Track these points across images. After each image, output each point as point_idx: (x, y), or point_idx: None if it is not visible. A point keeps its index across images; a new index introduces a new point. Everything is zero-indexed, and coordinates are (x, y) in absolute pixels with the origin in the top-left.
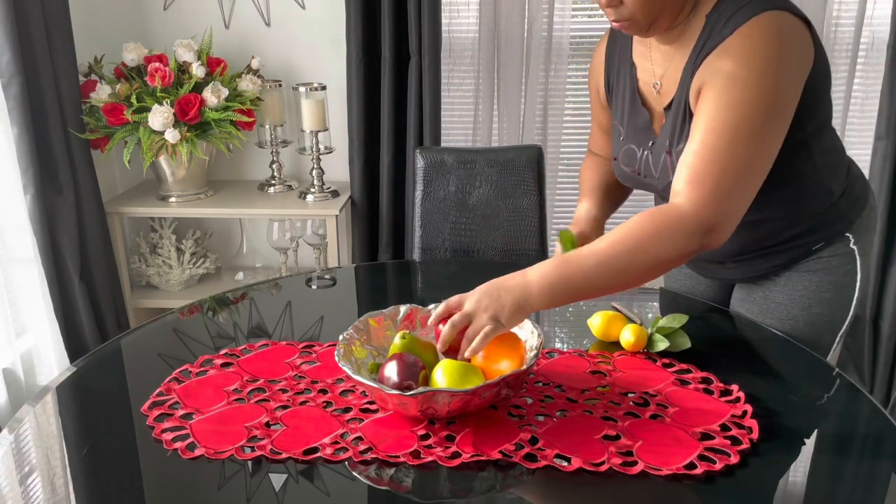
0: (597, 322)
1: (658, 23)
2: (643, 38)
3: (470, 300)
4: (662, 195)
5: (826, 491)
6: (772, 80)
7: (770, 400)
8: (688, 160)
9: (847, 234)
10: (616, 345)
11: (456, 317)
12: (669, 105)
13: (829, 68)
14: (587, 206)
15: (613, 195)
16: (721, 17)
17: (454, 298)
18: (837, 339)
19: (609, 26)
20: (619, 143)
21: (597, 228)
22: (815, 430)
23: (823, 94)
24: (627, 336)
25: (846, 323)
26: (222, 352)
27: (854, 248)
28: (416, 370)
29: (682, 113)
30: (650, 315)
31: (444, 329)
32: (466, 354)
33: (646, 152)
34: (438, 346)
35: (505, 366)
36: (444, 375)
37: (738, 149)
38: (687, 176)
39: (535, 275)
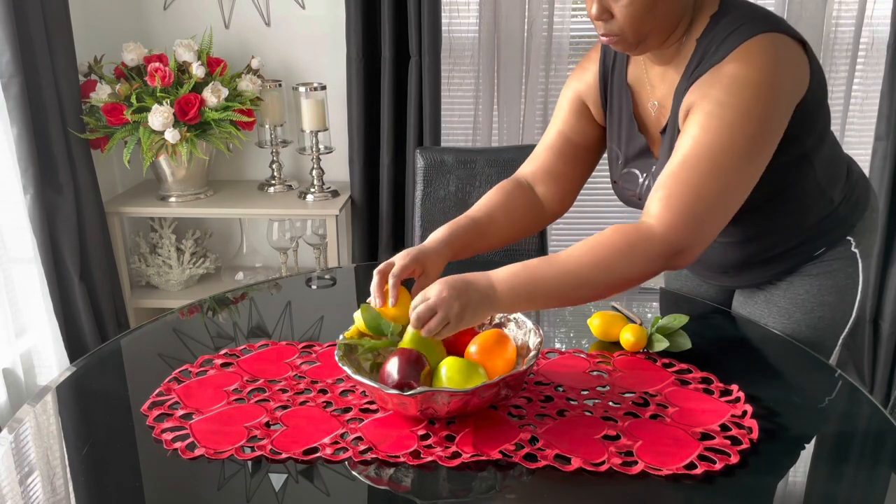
0: (597, 322)
1: (647, 41)
2: (638, 61)
3: (434, 294)
4: None
5: (826, 491)
6: (759, 110)
7: (770, 400)
8: (664, 180)
9: (848, 238)
10: (616, 345)
11: (421, 308)
12: (664, 128)
13: (826, 81)
14: (443, 238)
15: (487, 239)
16: (713, 41)
17: (419, 295)
18: (840, 341)
19: (594, 44)
20: (617, 166)
21: (439, 268)
22: (816, 431)
23: (820, 108)
24: (627, 336)
25: (848, 325)
26: (222, 352)
27: (856, 251)
28: (417, 368)
29: (675, 136)
30: (650, 315)
31: (412, 321)
32: (437, 338)
33: (648, 178)
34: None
35: (496, 364)
36: (446, 374)
37: (716, 177)
38: (661, 196)
39: (499, 276)
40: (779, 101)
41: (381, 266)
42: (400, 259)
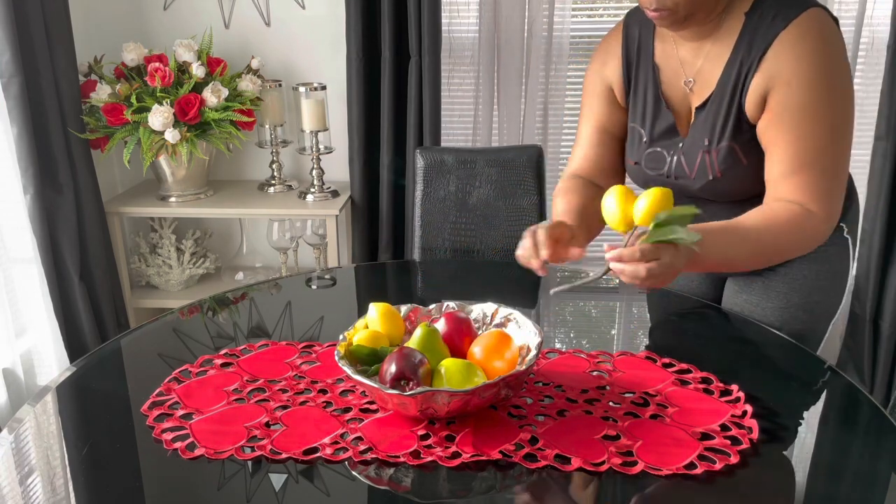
0: (612, 206)
1: (695, 16)
2: (665, 38)
3: (668, 262)
4: (696, 195)
5: (826, 491)
6: (836, 88)
7: (770, 400)
8: (788, 174)
9: (841, 224)
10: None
11: (654, 265)
12: (703, 104)
13: None
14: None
15: (590, 224)
16: (765, 16)
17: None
18: (830, 325)
19: (612, 26)
20: (639, 146)
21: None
22: (815, 430)
23: None
24: (642, 206)
25: (839, 310)
26: (222, 352)
27: (847, 237)
28: (416, 364)
29: (724, 110)
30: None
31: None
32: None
33: (677, 155)
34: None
35: (498, 365)
36: (446, 374)
37: (840, 154)
38: (800, 187)
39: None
40: (844, 68)
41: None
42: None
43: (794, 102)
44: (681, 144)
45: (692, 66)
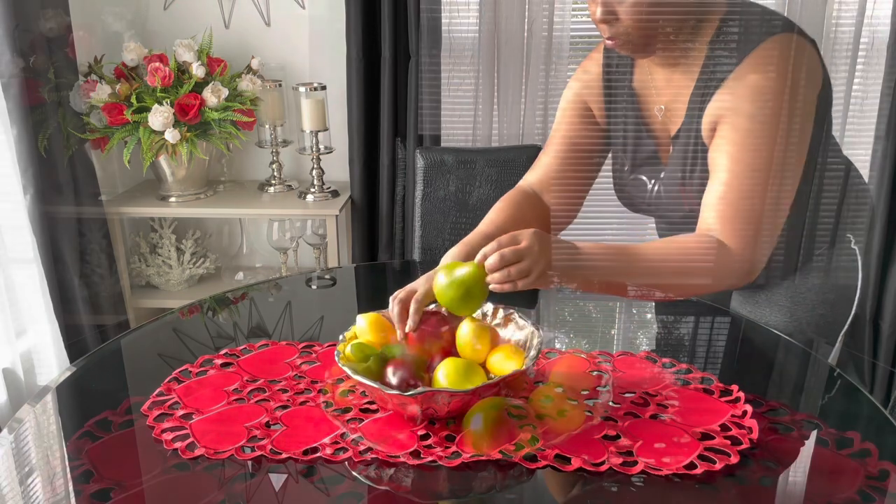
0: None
1: (653, 43)
2: (642, 65)
3: (527, 242)
4: (676, 223)
5: (826, 491)
6: (789, 114)
7: (770, 400)
8: (715, 202)
9: (848, 235)
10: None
11: (508, 251)
12: (677, 135)
13: (831, 81)
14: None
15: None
16: (726, 45)
17: (507, 236)
18: (839, 338)
19: (595, 44)
20: (623, 173)
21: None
22: (815, 430)
23: (829, 108)
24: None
25: (848, 322)
26: (222, 352)
27: (855, 248)
28: (414, 367)
29: (692, 144)
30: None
31: (493, 258)
32: (504, 288)
33: (657, 184)
34: (489, 272)
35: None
36: (446, 374)
37: (766, 191)
38: (722, 217)
39: (584, 245)
40: (802, 100)
41: (400, 294)
42: (422, 285)
43: (736, 134)
44: (661, 174)
45: (665, 93)
